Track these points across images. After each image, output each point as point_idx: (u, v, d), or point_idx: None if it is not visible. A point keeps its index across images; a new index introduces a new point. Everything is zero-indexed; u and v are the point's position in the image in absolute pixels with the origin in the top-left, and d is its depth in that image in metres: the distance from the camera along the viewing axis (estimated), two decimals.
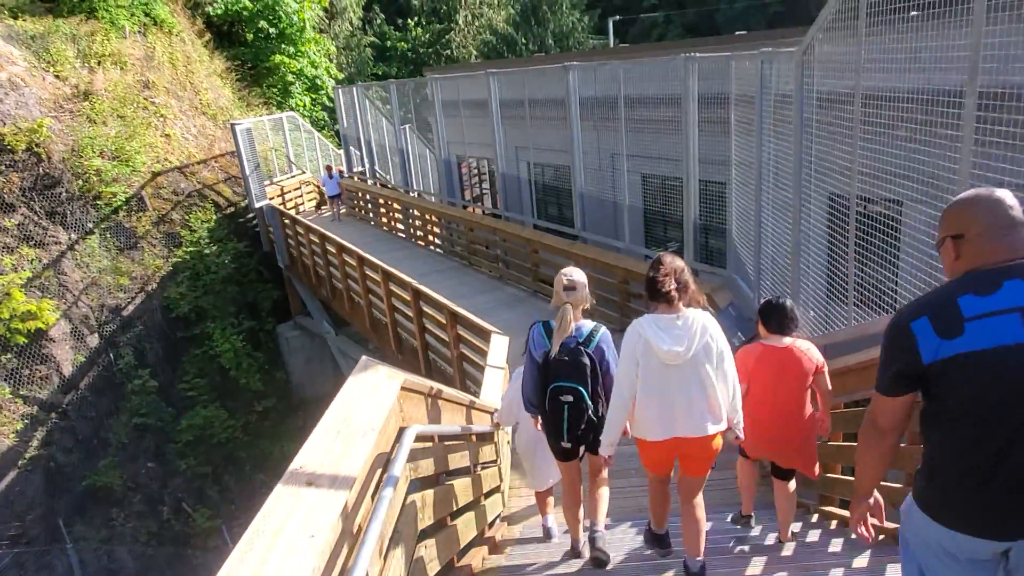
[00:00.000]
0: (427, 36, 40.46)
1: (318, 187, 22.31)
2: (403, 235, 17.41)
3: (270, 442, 17.21)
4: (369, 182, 20.56)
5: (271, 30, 26.10)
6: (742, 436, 3.54)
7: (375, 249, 16.40)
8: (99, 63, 19.37)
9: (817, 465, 4.14)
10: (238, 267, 18.82)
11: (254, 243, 19.68)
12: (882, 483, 5.08)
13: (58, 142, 16.92)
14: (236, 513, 15.59)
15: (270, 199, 20.29)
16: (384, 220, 18.49)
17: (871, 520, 2.27)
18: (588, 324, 3.82)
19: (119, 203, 17.47)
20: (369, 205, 19.44)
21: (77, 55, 19.05)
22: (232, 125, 17.45)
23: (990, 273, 1.86)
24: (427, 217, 15.99)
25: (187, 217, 18.75)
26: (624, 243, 10.30)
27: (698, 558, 3.62)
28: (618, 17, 32.31)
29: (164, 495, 15.29)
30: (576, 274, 3.87)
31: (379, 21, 39.91)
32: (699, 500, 3.59)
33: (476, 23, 40.30)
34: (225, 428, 16.53)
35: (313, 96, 29.04)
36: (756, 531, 4.68)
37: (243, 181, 18.16)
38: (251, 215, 19.80)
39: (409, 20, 40.64)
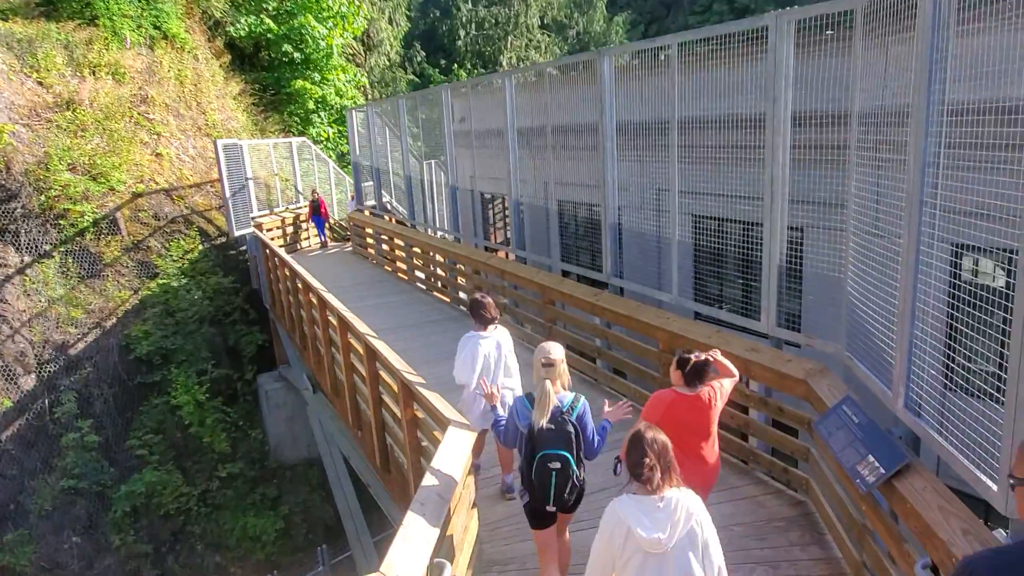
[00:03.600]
0: (469, 79, 38.75)
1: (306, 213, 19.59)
2: (405, 277, 14.72)
3: (232, 516, 14.33)
4: (385, 217, 18.06)
5: (296, 55, 24.32)
6: None
7: (368, 292, 13.79)
8: (93, 72, 17.53)
9: None
10: (219, 305, 16.32)
11: (243, 279, 17.24)
12: None
13: (24, 152, 14.88)
14: None
15: (268, 231, 17.95)
16: (388, 259, 15.88)
17: None
18: (568, 395, 4.07)
19: (86, 224, 15.25)
20: (372, 241, 16.88)
21: (68, 62, 17.23)
22: (215, 141, 15.17)
23: None
24: (430, 255, 13.29)
25: (167, 245, 16.44)
26: (671, 295, 7.34)
27: None
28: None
29: None
30: (554, 351, 4.14)
31: (419, 59, 38.34)
32: None
33: (521, 67, 38.46)
34: (176, 497, 13.73)
35: (340, 128, 27.08)
36: None
37: (224, 205, 15.75)
38: (243, 247, 17.43)
39: (455, 63, 39.02)
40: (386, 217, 17.31)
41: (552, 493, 3.87)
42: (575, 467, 3.88)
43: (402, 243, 14.68)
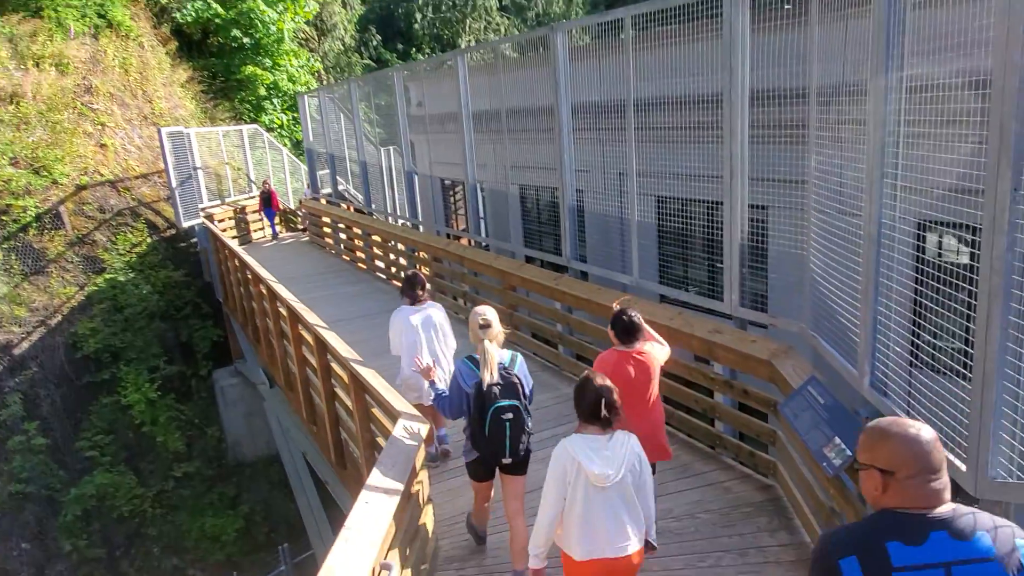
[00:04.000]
0: (423, 59, 38.05)
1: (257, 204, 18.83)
2: (364, 266, 14.36)
3: (189, 517, 13.90)
4: (342, 205, 17.60)
5: (245, 40, 23.55)
6: (656, 545, 3.63)
7: (324, 282, 13.43)
8: (37, 64, 16.71)
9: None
10: (170, 299, 15.78)
11: (194, 272, 16.69)
12: None
13: None
14: None
15: (219, 221, 17.37)
16: (345, 248, 15.49)
17: None
18: (505, 352, 4.32)
19: (29, 219, 14.57)
20: (329, 231, 16.45)
21: (12, 55, 16.42)
22: (159, 129, 14.59)
23: (916, 520, 1.79)
24: (389, 244, 12.96)
25: (114, 239, 15.81)
26: (632, 277, 7.18)
27: None
28: None
29: None
30: (489, 313, 4.38)
31: (375, 43, 37.57)
32: None
33: (475, 44, 37.99)
34: (130, 499, 13.25)
35: (294, 115, 26.38)
36: None
37: (171, 196, 15.19)
38: (194, 240, 16.85)
39: (412, 47, 38.28)
40: (343, 205, 16.87)
41: (508, 444, 4.12)
42: (525, 415, 4.20)
43: (360, 231, 14.31)
